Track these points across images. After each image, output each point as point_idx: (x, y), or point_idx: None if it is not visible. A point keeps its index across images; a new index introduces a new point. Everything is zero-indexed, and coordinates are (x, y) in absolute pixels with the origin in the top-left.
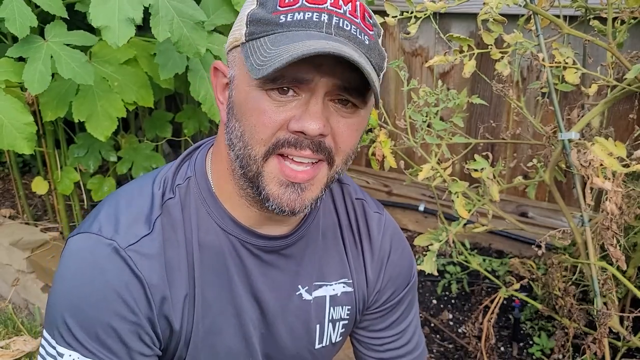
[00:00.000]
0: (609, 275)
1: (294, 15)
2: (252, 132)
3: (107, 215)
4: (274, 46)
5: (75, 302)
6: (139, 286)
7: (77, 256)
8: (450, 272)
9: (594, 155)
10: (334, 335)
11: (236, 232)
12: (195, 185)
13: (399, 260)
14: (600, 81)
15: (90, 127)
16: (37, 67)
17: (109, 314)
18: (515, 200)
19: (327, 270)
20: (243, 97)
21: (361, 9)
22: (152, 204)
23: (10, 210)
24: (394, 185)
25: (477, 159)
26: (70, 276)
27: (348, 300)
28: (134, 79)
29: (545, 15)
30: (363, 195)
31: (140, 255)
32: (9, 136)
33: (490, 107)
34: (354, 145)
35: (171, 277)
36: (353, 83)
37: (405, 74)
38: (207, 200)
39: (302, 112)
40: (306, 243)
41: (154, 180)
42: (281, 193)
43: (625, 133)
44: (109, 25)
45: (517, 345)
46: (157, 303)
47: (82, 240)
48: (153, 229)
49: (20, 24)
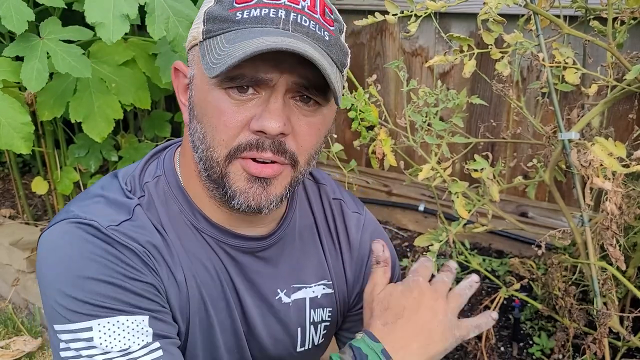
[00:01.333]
0: (609, 275)
1: (250, 11)
2: (213, 134)
3: (80, 207)
4: (228, 44)
5: (75, 276)
6: (133, 254)
7: (59, 240)
8: None
9: (594, 155)
10: (317, 337)
11: (211, 232)
12: (166, 184)
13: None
14: (600, 81)
15: (86, 127)
16: (34, 64)
17: (116, 276)
18: (515, 200)
19: (305, 272)
20: (203, 97)
21: (321, 4)
22: (125, 196)
23: (10, 210)
24: (394, 185)
25: (477, 159)
26: (58, 259)
27: (328, 301)
28: (132, 80)
29: (545, 15)
30: (341, 194)
31: (123, 234)
32: (6, 136)
33: (490, 107)
34: (317, 145)
35: (164, 258)
36: (314, 80)
37: (404, 74)
38: (179, 198)
39: (262, 111)
40: (283, 245)
41: (120, 178)
42: (247, 188)
43: (625, 133)
44: (103, 21)
45: (517, 345)
46: (155, 273)
47: (58, 227)
48: (133, 214)
49: (17, 20)
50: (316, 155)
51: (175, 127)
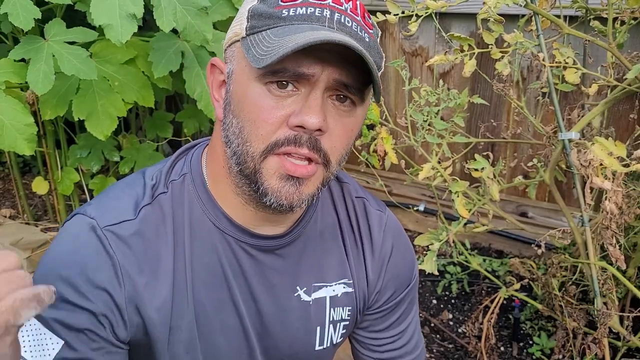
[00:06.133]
0: (609, 275)
1: (296, 9)
2: (251, 128)
3: (98, 200)
4: (276, 37)
5: (49, 270)
6: (109, 265)
7: (62, 234)
8: (451, 272)
9: (594, 155)
10: (335, 336)
11: (231, 231)
12: (191, 182)
13: (401, 260)
14: (600, 81)
15: (90, 126)
16: (40, 67)
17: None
18: (515, 200)
19: (326, 270)
20: (242, 91)
21: (361, 8)
22: (143, 194)
23: (11, 210)
24: (394, 185)
25: (478, 159)
26: (52, 251)
27: (349, 300)
28: (135, 79)
29: (545, 16)
30: (364, 193)
31: (117, 237)
32: (9, 137)
33: (490, 106)
34: (348, 146)
35: (152, 266)
36: (353, 79)
37: (406, 73)
38: (202, 197)
39: (302, 106)
40: (304, 243)
41: (147, 173)
42: (280, 186)
43: (626, 133)
44: (111, 22)
45: (517, 345)
46: (128, 287)
47: (71, 221)
48: (138, 215)
49: (24, 17)
50: (346, 156)
51: (177, 127)
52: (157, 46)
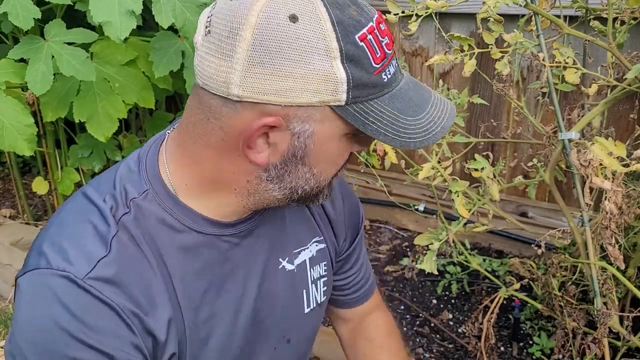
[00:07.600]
0: (609, 275)
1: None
2: (328, 173)
3: (51, 246)
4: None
5: (44, 349)
6: (112, 314)
7: (31, 297)
8: (451, 272)
9: (593, 155)
10: (319, 295)
11: (209, 229)
12: (154, 195)
13: (355, 204)
14: (600, 81)
15: (90, 127)
16: (39, 67)
17: (86, 352)
18: (515, 200)
19: (301, 234)
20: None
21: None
22: (104, 222)
23: (11, 210)
24: (394, 185)
25: (478, 159)
26: (27, 321)
27: (323, 256)
28: (135, 80)
29: (545, 16)
30: None
31: (102, 282)
32: (9, 137)
33: (490, 106)
34: None
35: (145, 294)
36: None
37: (407, 73)
38: (174, 208)
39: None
40: (273, 217)
41: (93, 197)
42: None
43: (626, 133)
44: (110, 20)
45: (517, 345)
46: (137, 325)
47: (31, 278)
48: (110, 249)
49: (23, 17)
50: None
51: None
52: (157, 46)
